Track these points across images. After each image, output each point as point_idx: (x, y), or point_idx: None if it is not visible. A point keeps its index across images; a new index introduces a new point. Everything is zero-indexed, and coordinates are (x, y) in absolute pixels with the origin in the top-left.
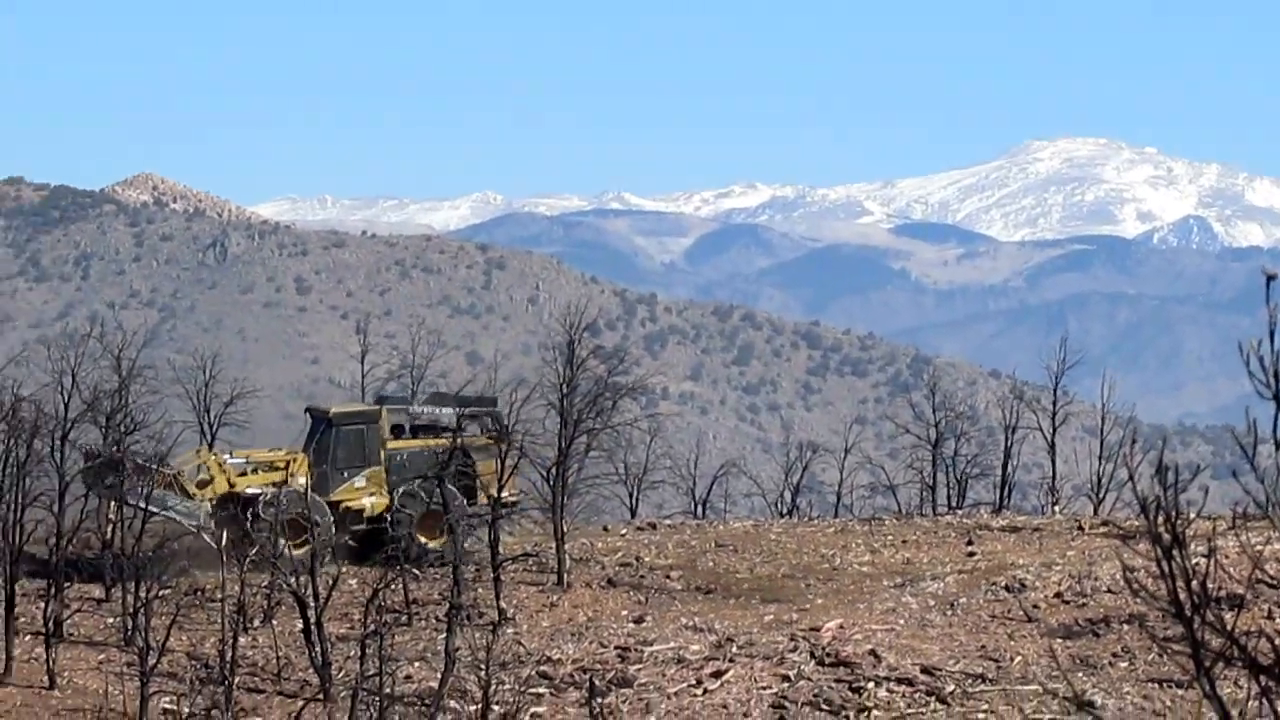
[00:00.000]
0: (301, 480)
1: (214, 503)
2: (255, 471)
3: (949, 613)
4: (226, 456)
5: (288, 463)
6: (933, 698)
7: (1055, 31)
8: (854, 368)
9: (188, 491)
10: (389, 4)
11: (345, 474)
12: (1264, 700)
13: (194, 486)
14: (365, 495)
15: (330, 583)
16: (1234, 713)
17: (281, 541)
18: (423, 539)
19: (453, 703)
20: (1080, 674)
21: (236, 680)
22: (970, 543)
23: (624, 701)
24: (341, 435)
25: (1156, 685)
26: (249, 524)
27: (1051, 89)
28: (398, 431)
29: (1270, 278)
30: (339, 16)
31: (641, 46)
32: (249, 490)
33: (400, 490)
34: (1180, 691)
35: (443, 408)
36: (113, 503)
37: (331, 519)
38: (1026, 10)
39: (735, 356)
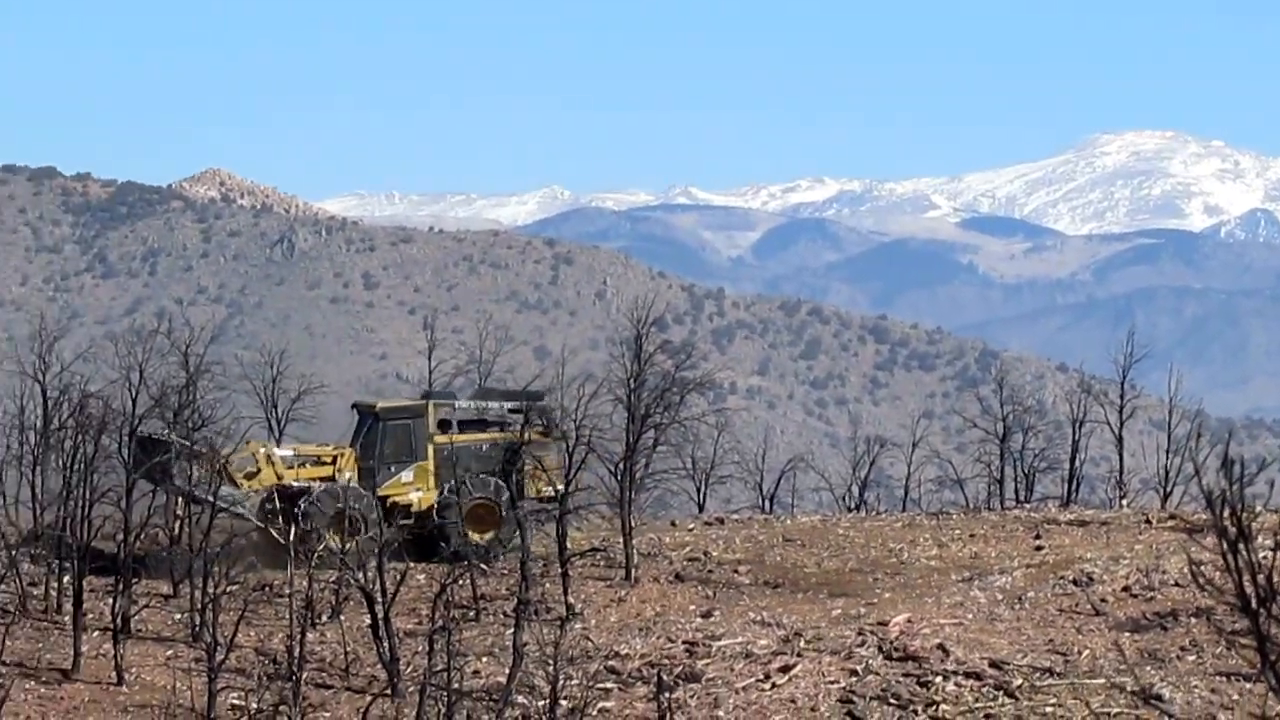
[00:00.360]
0: (349, 475)
1: (261, 494)
2: (303, 465)
3: (1017, 607)
4: (275, 449)
5: (335, 458)
6: (1001, 692)
7: (1122, 24)
8: (921, 362)
9: (234, 481)
10: (454, 10)
11: (392, 469)
12: None
13: (241, 477)
14: (412, 490)
15: (398, 578)
16: None
17: (329, 535)
18: (471, 533)
19: (521, 698)
20: (1148, 667)
21: (304, 676)
22: (1038, 537)
23: (692, 696)
24: (388, 430)
25: (1224, 679)
26: (297, 519)
27: (1118, 82)
28: (444, 426)
29: None
30: (405, 12)
31: (708, 40)
32: (295, 484)
33: (447, 485)
34: (1248, 685)
35: (489, 402)
36: (158, 487)
37: (380, 514)
38: (1093, 3)
39: (802, 351)
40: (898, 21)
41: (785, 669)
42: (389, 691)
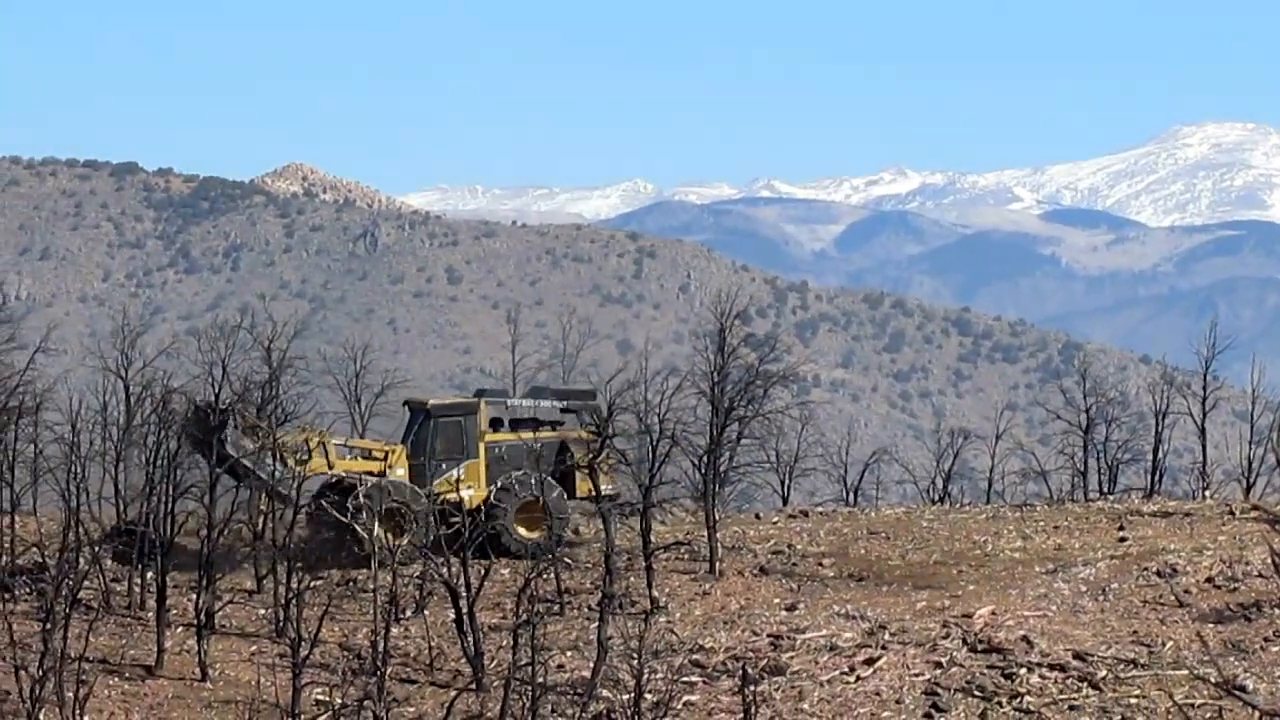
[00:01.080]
0: (400, 472)
1: (314, 481)
2: (355, 458)
3: (1101, 598)
4: (330, 438)
5: (386, 454)
6: (1085, 683)
7: (1203, 17)
8: (1005, 354)
9: (286, 461)
10: (539, 4)
11: (444, 466)
12: None
13: (292, 460)
14: (463, 488)
15: (482, 573)
16: None
17: (379, 531)
18: (521, 530)
19: (605, 692)
20: (1231, 658)
21: (389, 671)
22: (1121, 528)
23: (777, 689)
24: (440, 427)
25: None
26: (348, 512)
27: (1200, 74)
28: (495, 425)
29: None
30: (486, 8)
31: (790, 33)
32: (345, 475)
33: (498, 483)
34: None
35: (540, 401)
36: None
37: (431, 510)
38: None
39: (886, 343)
40: (981, 14)
41: (870, 661)
42: (473, 686)
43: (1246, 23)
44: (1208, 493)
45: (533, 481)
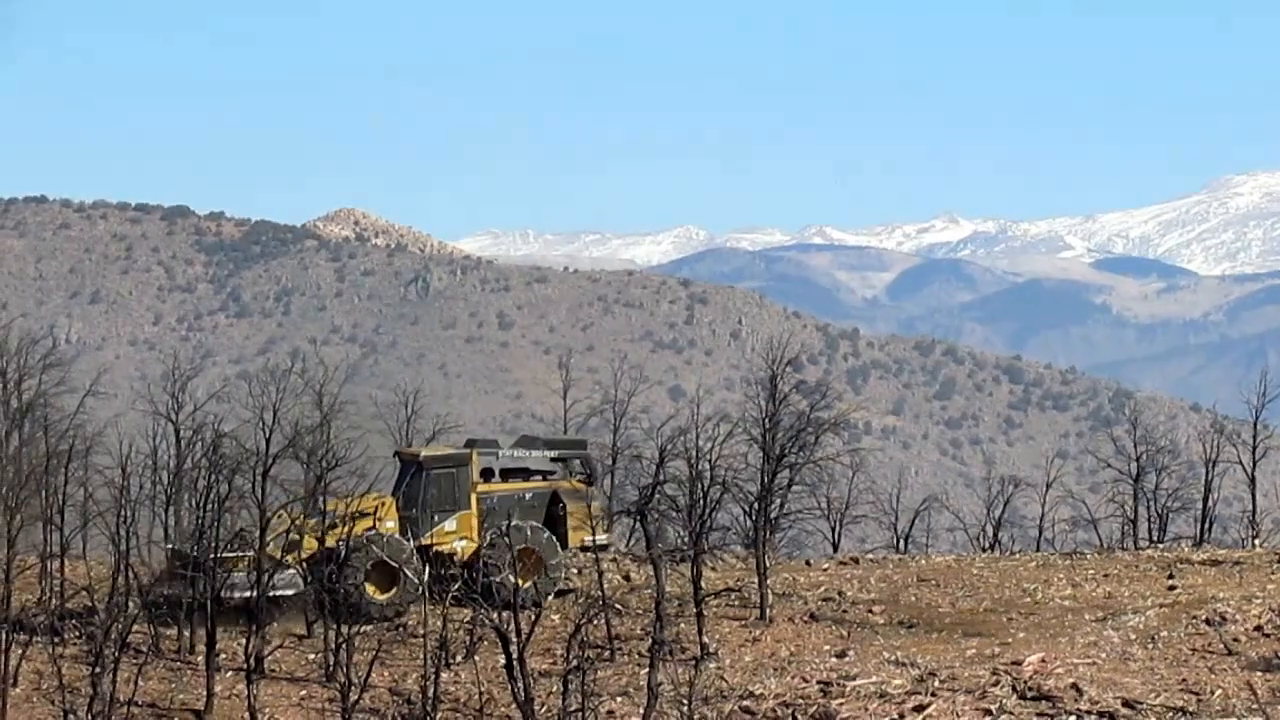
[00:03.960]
0: (390, 524)
1: (305, 564)
2: (344, 523)
3: (1150, 646)
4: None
5: (376, 507)
6: None
7: (1254, 65)
8: (1055, 402)
9: (276, 560)
10: (594, 50)
11: (436, 518)
12: None
13: (280, 553)
14: (456, 539)
15: (532, 618)
16: None
17: (370, 588)
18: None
19: None
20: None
21: (439, 716)
22: (1171, 576)
23: None
24: (432, 479)
25: None
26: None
27: (1251, 123)
28: (487, 475)
29: None
30: (538, 58)
31: (843, 82)
32: (340, 542)
33: (491, 533)
34: None
35: (531, 451)
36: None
37: (421, 562)
38: (1224, 45)
39: (937, 391)
40: (1033, 63)
41: (920, 709)
42: None
43: None
44: (1257, 541)
45: (526, 531)
